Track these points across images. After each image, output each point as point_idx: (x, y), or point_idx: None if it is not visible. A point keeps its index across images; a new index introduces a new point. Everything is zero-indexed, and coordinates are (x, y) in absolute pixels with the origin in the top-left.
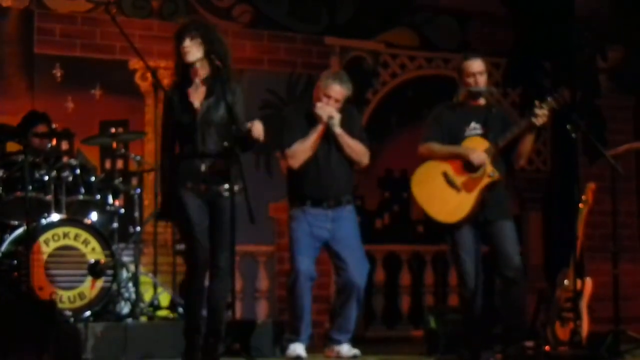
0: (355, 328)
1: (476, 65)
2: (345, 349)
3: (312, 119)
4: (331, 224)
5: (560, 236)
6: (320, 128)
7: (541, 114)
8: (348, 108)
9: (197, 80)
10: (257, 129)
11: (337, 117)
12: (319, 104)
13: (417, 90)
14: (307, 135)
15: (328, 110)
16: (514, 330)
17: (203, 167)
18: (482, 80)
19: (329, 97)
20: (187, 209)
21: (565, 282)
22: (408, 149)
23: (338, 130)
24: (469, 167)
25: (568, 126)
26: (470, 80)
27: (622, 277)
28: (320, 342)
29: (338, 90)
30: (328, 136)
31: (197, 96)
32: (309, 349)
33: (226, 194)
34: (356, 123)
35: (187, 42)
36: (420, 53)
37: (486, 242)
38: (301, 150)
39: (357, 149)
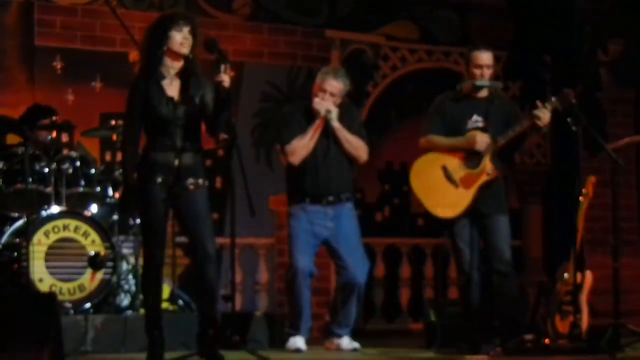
0: (355, 321)
1: (485, 57)
2: (346, 342)
3: (311, 115)
4: (331, 222)
5: (561, 230)
6: (318, 123)
7: (543, 115)
8: (347, 104)
9: (172, 73)
10: (223, 78)
11: (334, 112)
12: (316, 99)
13: (417, 83)
14: (305, 131)
15: (325, 104)
16: (511, 323)
17: (177, 162)
18: (488, 73)
19: (324, 91)
20: (151, 209)
21: (565, 275)
22: (408, 142)
23: (336, 124)
24: (468, 162)
25: (569, 120)
26: (477, 71)
27: (622, 271)
28: (320, 334)
29: (333, 84)
30: (327, 133)
31: (173, 89)
32: (308, 341)
33: (192, 187)
34: (355, 119)
35: (187, 34)
36: (421, 46)
37: (480, 235)
38: (300, 146)
39: (356, 144)
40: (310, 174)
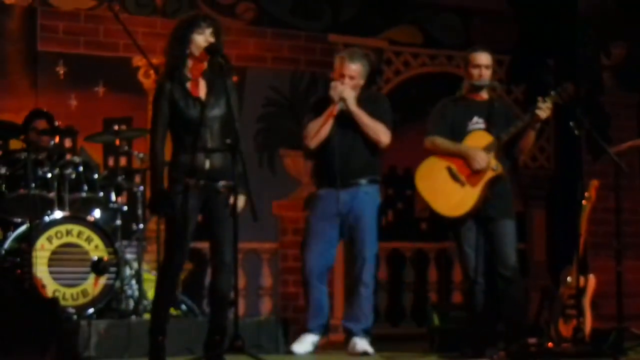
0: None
1: (483, 57)
2: (359, 344)
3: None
4: (344, 206)
5: (564, 233)
6: (331, 109)
7: (544, 108)
8: (372, 92)
9: (197, 75)
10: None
11: (350, 97)
12: (332, 84)
13: (420, 87)
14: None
15: (339, 89)
16: (515, 327)
17: (207, 164)
18: (487, 73)
19: (343, 76)
20: (178, 212)
21: (569, 279)
22: (411, 146)
23: (353, 108)
24: None
25: (572, 123)
26: (475, 72)
27: (626, 274)
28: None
29: (351, 67)
30: (346, 117)
31: (200, 91)
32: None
33: (223, 190)
34: (380, 104)
35: (209, 36)
36: (424, 50)
37: (486, 239)
38: (313, 129)
39: (375, 128)
40: (326, 159)
